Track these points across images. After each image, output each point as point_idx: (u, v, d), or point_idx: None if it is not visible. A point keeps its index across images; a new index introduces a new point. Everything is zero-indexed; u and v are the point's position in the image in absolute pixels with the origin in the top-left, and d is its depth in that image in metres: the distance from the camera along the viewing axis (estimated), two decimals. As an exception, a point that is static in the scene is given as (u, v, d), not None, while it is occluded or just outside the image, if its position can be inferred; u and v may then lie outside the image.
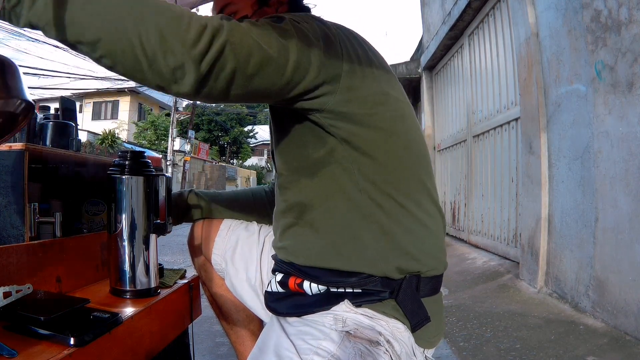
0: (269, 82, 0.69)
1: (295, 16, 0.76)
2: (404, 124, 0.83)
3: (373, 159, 0.79)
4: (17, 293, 0.78)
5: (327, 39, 0.75)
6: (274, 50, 0.67)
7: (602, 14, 2.10)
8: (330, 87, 0.75)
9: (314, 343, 0.76)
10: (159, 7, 0.59)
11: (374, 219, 0.79)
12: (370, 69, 0.81)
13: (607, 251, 2.10)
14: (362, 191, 0.79)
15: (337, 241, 0.81)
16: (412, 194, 0.82)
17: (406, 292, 0.79)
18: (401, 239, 0.80)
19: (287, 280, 0.86)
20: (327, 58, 0.73)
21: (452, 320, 2.45)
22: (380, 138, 0.80)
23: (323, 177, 0.81)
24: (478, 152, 4.47)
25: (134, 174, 1.02)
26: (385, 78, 0.83)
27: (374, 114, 0.79)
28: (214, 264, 1.19)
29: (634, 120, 1.92)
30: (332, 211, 0.81)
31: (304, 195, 0.84)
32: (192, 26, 0.60)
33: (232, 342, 1.24)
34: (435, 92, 6.41)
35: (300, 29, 0.72)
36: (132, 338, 0.90)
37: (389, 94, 0.82)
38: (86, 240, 1.17)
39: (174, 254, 4.65)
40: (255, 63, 0.65)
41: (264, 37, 0.67)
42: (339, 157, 0.80)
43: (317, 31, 0.74)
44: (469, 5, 4.26)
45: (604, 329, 2.00)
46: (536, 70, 2.78)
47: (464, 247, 4.60)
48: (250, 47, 0.65)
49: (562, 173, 2.56)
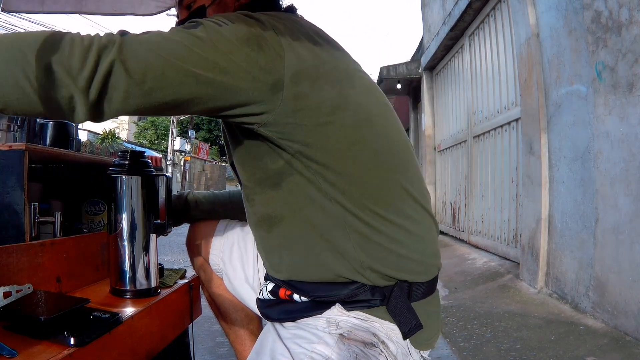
0: (176, 95, 0.63)
1: (220, 18, 0.69)
2: (371, 128, 0.76)
3: (336, 170, 0.73)
4: (17, 293, 0.78)
5: (262, 42, 0.67)
6: (179, 60, 0.62)
7: (603, 14, 2.10)
8: (269, 97, 0.68)
9: (308, 347, 0.75)
10: (38, 40, 0.57)
11: (354, 229, 0.74)
12: (325, 70, 0.72)
13: (607, 252, 2.10)
14: (334, 201, 0.73)
15: (314, 253, 0.77)
16: (390, 202, 0.76)
17: (397, 299, 0.76)
18: (385, 248, 0.75)
19: (277, 290, 0.84)
20: (261, 64, 0.66)
21: (453, 321, 2.45)
22: (341, 148, 0.72)
23: (288, 188, 0.75)
24: (478, 152, 4.47)
25: (134, 174, 1.02)
26: (346, 78, 0.75)
27: (330, 122, 0.71)
28: (212, 264, 1.19)
29: (634, 121, 1.92)
30: (305, 222, 0.76)
31: (271, 207, 0.79)
32: (75, 51, 0.57)
33: (231, 341, 1.24)
34: (435, 92, 6.41)
35: (219, 34, 0.65)
36: (132, 338, 0.90)
37: (349, 96, 0.74)
38: (86, 240, 1.17)
39: (174, 254, 4.65)
40: (155, 77, 0.61)
41: (168, 47, 0.62)
42: (299, 168, 0.73)
43: (247, 34, 0.67)
44: (470, 6, 4.26)
45: (604, 330, 2.00)
46: (537, 71, 2.78)
47: (464, 248, 4.60)
48: (147, 60, 0.60)
49: (562, 174, 2.56)
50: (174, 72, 0.62)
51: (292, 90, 0.68)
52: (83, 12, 1.81)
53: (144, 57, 0.60)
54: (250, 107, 0.68)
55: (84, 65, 0.57)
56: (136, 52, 0.60)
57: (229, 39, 0.65)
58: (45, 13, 1.78)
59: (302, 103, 0.69)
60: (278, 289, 0.84)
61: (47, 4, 1.73)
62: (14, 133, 1.20)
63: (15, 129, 1.20)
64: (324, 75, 0.72)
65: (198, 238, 1.23)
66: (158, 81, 0.61)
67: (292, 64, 0.68)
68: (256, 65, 0.66)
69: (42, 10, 1.75)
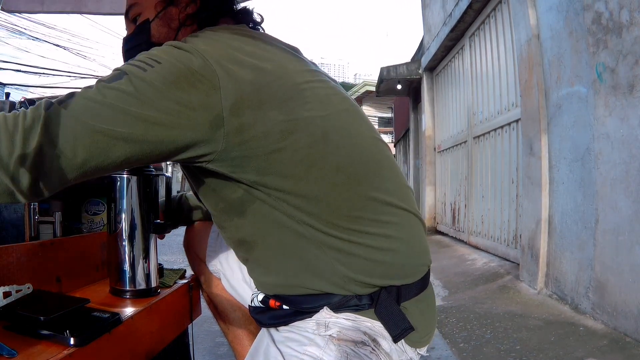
0: (111, 159, 0.61)
1: (147, 58, 0.64)
2: (329, 144, 0.71)
3: (298, 194, 0.70)
4: (17, 293, 0.78)
5: (193, 78, 0.63)
6: (106, 124, 0.60)
7: (603, 16, 2.10)
8: (210, 135, 0.64)
9: (299, 349, 0.75)
10: None
11: (329, 246, 0.72)
12: (269, 93, 0.68)
13: (607, 253, 2.10)
14: (302, 223, 0.71)
15: (294, 273, 0.75)
16: (362, 214, 0.73)
17: (385, 303, 0.74)
18: (367, 259, 0.73)
19: (267, 300, 0.83)
20: (194, 105, 0.62)
21: (452, 321, 2.45)
22: (299, 172, 0.69)
23: (253, 214, 0.73)
24: (478, 153, 4.47)
25: (134, 174, 1.02)
26: (295, 95, 0.70)
27: (282, 148, 0.67)
28: (209, 265, 1.19)
29: (634, 122, 1.92)
30: (278, 246, 0.75)
31: (242, 233, 0.78)
32: (2, 138, 0.56)
33: (230, 341, 1.24)
34: (435, 93, 6.41)
35: (145, 83, 0.61)
36: (132, 338, 0.90)
37: (299, 117, 0.69)
38: (86, 240, 1.17)
39: (174, 254, 4.64)
40: (85, 148, 0.59)
41: (93, 112, 0.60)
42: (260, 196, 0.71)
43: (175, 73, 0.62)
44: (470, 7, 4.26)
45: (604, 331, 2.00)
46: (537, 72, 2.78)
47: (464, 248, 4.60)
48: (74, 133, 0.59)
49: (562, 175, 2.56)
50: (104, 138, 0.60)
51: (233, 123, 0.65)
52: (83, 12, 1.81)
53: (71, 130, 0.59)
54: (193, 149, 0.66)
55: (12, 152, 0.56)
56: (62, 126, 0.59)
57: (155, 87, 0.61)
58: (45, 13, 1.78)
59: (248, 134, 0.66)
60: (268, 299, 0.83)
61: (47, 3, 1.73)
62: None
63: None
64: (267, 100, 0.67)
65: (194, 240, 1.23)
66: (89, 151, 0.60)
67: (229, 94, 0.64)
68: (189, 106, 0.62)
69: (42, 10, 1.75)
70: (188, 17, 0.85)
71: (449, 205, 5.68)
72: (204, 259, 1.20)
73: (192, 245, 1.24)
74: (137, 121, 0.61)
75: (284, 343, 0.78)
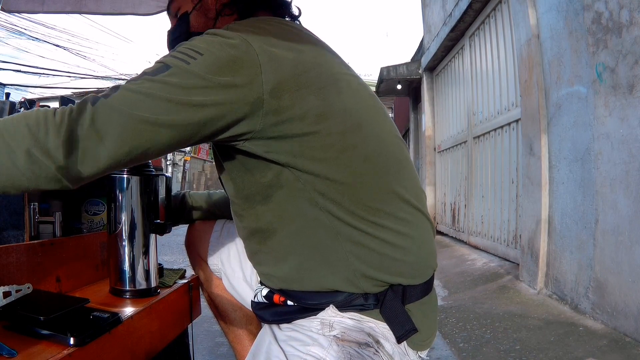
0: (158, 146, 0.66)
1: (190, 50, 0.67)
2: (360, 134, 0.74)
3: (327, 179, 0.72)
4: (17, 293, 0.78)
5: (236, 65, 0.66)
6: (154, 115, 0.63)
7: (603, 16, 2.10)
8: (250, 115, 0.67)
9: (302, 349, 0.75)
10: (18, 128, 0.62)
11: (345, 237, 0.74)
12: (307, 78, 0.70)
13: (607, 253, 2.10)
14: (325, 211, 0.73)
15: (307, 265, 0.76)
16: (383, 207, 0.75)
17: (391, 303, 0.75)
18: (380, 254, 0.75)
19: (271, 295, 0.84)
20: (238, 88, 0.66)
21: (452, 322, 2.45)
22: (330, 157, 0.71)
23: (278, 201, 0.75)
24: (478, 153, 4.47)
25: (133, 174, 1.02)
26: (331, 83, 0.73)
27: (317, 131, 0.70)
28: (210, 264, 1.19)
29: (634, 122, 1.92)
30: (297, 235, 0.76)
31: (262, 221, 0.79)
32: (50, 131, 0.61)
33: (230, 341, 1.24)
34: (435, 93, 6.41)
35: (189, 74, 0.64)
36: (132, 338, 0.90)
37: (335, 103, 0.72)
38: (86, 240, 1.17)
39: (174, 254, 4.65)
40: (132, 138, 0.63)
41: (139, 104, 0.63)
42: (289, 179, 0.73)
43: (218, 62, 0.65)
44: (470, 7, 4.26)
45: (604, 331, 2.00)
46: (537, 72, 2.78)
47: (464, 249, 4.60)
48: (122, 125, 0.62)
49: (562, 175, 2.56)
50: (149, 127, 0.64)
51: (272, 105, 0.67)
52: (83, 12, 1.81)
53: (117, 121, 0.62)
54: (232, 129, 0.69)
55: (59, 144, 0.61)
56: (109, 118, 0.62)
57: (200, 76, 0.64)
58: (45, 13, 1.78)
59: (285, 116, 0.68)
60: (272, 294, 0.84)
61: (47, 3, 1.73)
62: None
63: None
64: (306, 85, 0.70)
65: (196, 239, 1.23)
66: (135, 140, 0.63)
67: (270, 78, 0.67)
68: (232, 90, 0.66)
69: (42, 10, 1.75)
70: (224, 6, 0.88)
71: (448, 205, 5.68)
72: (205, 258, 1.20)
73: (194, 244, 1.24)
74: (181, 108, 0.64)
75: (287, 342, 0.78)
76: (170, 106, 0.63)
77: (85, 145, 0.62)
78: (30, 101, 1.38)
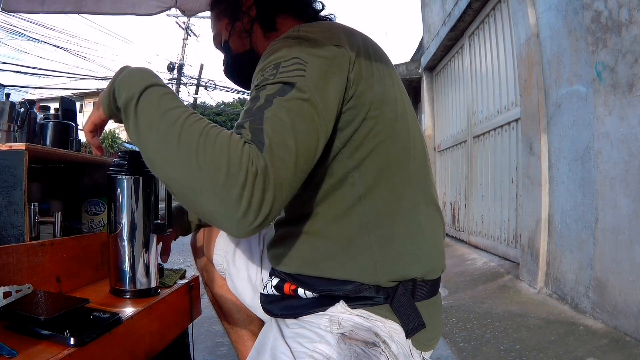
0: (315, 157, 0.67)
1: (295, 59, 0.69)
2: (403, 123, 0.80)
3: (370, 166, 0.76)
4: (17, 293, 0.78)
5: (335, 64, 0.71)
6: (309, 134, 0.64)
7: (603, 14, 2.10)
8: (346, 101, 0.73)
9: (309, 346, 0.75)
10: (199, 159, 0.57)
11: (374, 226, 0.77)
12: (374, 68, 0.77)
13: (607, 252, 2.10)
14: (362, 198, 0.76)
15: (332, 249, 0.78)
16: (412, 196, 0.79)
17: (401, 298, 0.77)
18: (398, 246, 0.78)
19: (282, 285, 0.85)
20: (341, 83, 0.71)
21: (452, 321, 2.45)
22: (379, 140, 0.76)
23: (323, 186, 0.78)
24: (478, 152, 4.47)
25: (134, 174, 1.02)
26: (387, 74, 0.80)
27: (376, 116, 0.76)
28: (216, 264, 1.19)
29: (634, 121, 1.92)
30: (333, 220, 0.78)
31: (306, 204, 0.81)
32: (235, 182, 0.56)
33: (233, 341, 1.24)
34: (435, 92, 6.41)
35: (314, 86, 0.67)
36: (132, 338, 0.90)
37: (390, 92, 0.79)
38: (86, 240, 1.17)
39: (173, 254, 4.64)
40: (301, 161, 0.63)
41: (296, 129, 0.63)
42: (340, 166, 0.76)
43: (324, 66, 0.70)
44: (470, 6, 4.26)
45: (604, 330, 2.00)
46: (536, 71, 2.78)
47: (464, 248, 4.60)
48: (290, 152, 0.61)
49: (562, 174, 2.56)
50: (309, 145, 0.64)
51: (352, 89, 0.73)
52: (83, 11, 1.81)
53: (291, 163, 0.61)
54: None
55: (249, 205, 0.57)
56: (284, 163, 0.60)
57: (319, 86, 0.67)
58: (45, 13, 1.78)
59: (358, 100, 0.74)
60: (283, 283, 0.85)
61: (47, 3, 1.73)
62: (14, 133, 1.20)
63: (16, 129, 1.20)
64: (373, 74, 0.76)
65: (203, 239, 1.24)
66: (304, 161, 0.64)
67: (355, 67, 0.73)
68: (340, 88, 0.71)
69: (42, 10, 1.75)
70: (252, 23, 0.95)
71: (448, 204, 5.68)
72: (211, 258, 1.20)
73: (200, 244, 1.24)
74: (323, 118, 0.67)
75: (294, 339, 0.78)
76: (318, 121, 0.66)
77: (270, 206, 0.58)
78: (30, 102, 1.38)
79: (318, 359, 0.73)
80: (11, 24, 11.10)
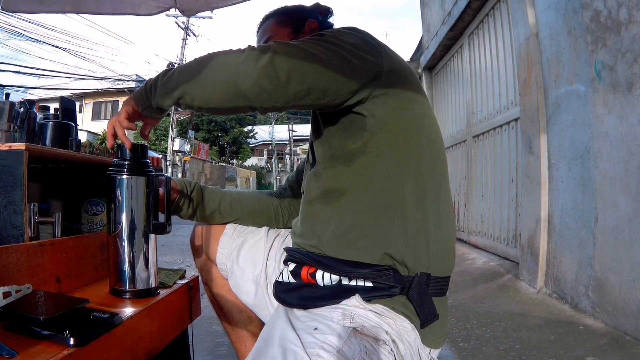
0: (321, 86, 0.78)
1: (335, 30, 0.86)
2: (429, 121, 0.91)
3: (402, 153, 0.85)
4: (16, 293, 0.78)
5: (368, 44, 0.85)
6: (320, 53, 0.78)
7: (602, 14, 2.11)
8: (373, 82, 0.83)
9: (320, 337, 0.76)
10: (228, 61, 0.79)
11: (402, 214, 0.83)
12: (403, 72, 0.88)
13: (606, 251, 2.10)
14: (394, 183, 0.83)
15: (358, 231, 0.84)
16: (435, 190, 0.87)
17: (417, 288, 0.81)
18: (421, 235, 0.83)
19: (299, 270, 0.87)
20: (370, 60, 0.82)
21: (452, 321, 2.45)
22: (408, 131, 0.86)
23: (358, 165, 0.86)
24: (478, 152, 4.47)
25: (134, 174, 1.02)
26: (415, 81, 0.91)
27: (406, 108, 0.86)
28: (219, 263, 1.19)
29: (633, 120, 1.92)
30: (362, 200, 0.85)
31: (337, 182, 0.88)
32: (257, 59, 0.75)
33: (233, 342, 1.24)
34: (435, 92, 6.41)
35: (340, 41, 0.81)
36: (131, 338, 0.90)
37: (417, 94, 0.90)
38: (86, 240, 1.17)
39: (173, 254, 4.64)
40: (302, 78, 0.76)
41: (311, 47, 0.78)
42: (374, 147, 0.85)
43: (357, 38, 0.84)
44: (469, 6, 4.26)
45: (604, 329, 2.00)
46: (536, 71, 2.78)
47: (464, 248, 4.60)
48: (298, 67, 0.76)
49: (561, 173, 2.56)
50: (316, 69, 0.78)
51: (385, 80, 0.84)
52: (83, 11, 1.81)
53: (297, 55, 0.77)
54: (359, 93, 0.83)
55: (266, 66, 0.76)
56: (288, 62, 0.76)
57: (349, 42, 0.82)
58: (45, 13, 1.78)
59: (390, 90, 0.85)
60: (300, 268, 0.87)
61: (47, 3, 1.73)
62: (14, 133, 1.20)
63: (15, 129, 1.20)
64: (403, 76, 0.88)
65: (204, 237, 1.23)
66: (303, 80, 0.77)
67: (387, 63, 0.85)
68: (369, 60, 0.83)
69: (42, 10, 1.75)
70: (313, 32, 1.06)
71: (448, 204, 5.67)
72: (213, 257, 1.20)
73: (201, 243, 1.23)
74: (339, 56, 0.79)
75: (305, 330, 0.79)
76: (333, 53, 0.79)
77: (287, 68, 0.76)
78: (29, 102, 1.38)
79: (328, 350, 0.74)
80: (11, 24, 11.10)
